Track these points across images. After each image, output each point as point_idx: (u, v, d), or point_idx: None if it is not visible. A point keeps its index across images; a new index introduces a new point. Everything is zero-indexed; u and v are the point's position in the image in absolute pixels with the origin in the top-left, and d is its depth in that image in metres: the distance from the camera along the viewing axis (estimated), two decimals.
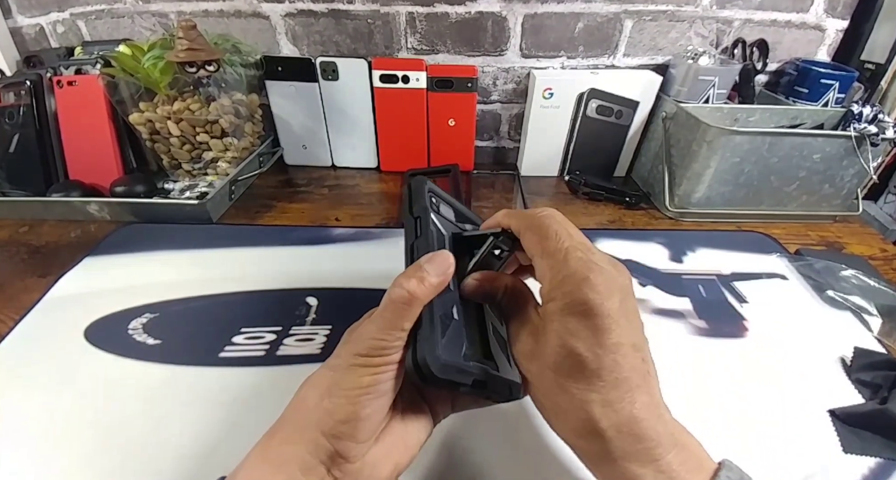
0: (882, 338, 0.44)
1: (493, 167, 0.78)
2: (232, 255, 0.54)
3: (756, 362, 0.41)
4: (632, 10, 0.67)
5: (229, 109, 0.63)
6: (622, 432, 0.21)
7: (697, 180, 0.59)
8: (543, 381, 0.24)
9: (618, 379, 0.22)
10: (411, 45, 0.70)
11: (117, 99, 0.61)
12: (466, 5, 0.66)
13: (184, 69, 0.57)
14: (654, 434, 0.22)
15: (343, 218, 0.61)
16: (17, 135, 0.61)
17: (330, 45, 0.71)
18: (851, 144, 0.56)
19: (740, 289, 0.50)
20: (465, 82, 0.67)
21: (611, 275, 0.23)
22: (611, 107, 0.68)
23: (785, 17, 0.69)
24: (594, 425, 0.22)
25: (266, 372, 0.39)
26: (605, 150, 0.73)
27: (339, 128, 0.72)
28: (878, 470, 0.33)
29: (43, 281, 0.49)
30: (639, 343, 0.23)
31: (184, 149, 0.64)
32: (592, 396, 0.22)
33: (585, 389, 0.22)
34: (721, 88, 0.65)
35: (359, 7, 0.67)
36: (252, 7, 0.68)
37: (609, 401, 0.22)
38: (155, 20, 0.70)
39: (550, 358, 0.23)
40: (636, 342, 0.23)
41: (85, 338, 0.42)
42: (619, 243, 0.57)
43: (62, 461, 0.32)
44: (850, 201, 0.62)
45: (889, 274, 0.53)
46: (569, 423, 0.23)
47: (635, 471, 0.21)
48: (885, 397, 0.36)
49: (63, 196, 0.60)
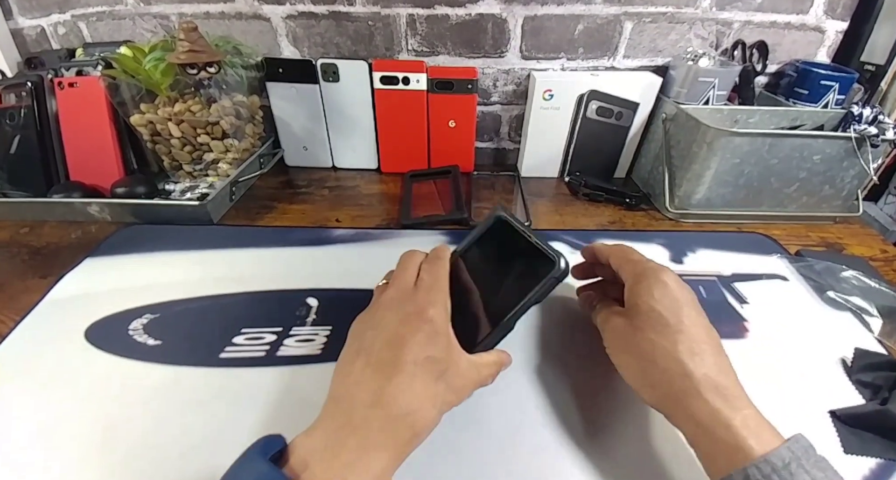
0: (882, 339, 0.44)
1: (494, 168, 0.78)
2: (232, 256, 0.54)
3: (756, 362, 0.41)
4: (632, 12, 0.68)
5: (230, 110, 0.63)
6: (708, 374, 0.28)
7: (698, 181, 0.59)
8: (634, 340, 0.32)
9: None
10: (412, 47, 0.71)
11: (118, 100, 0.61)
12: (467, 7, 0.67)
13: (185, 71, 0.57)
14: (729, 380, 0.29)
15: (343, 219, 0.62)
16: (18, 136, 0.61)
17: (330, 47, 0.71)
18: (851, 145, 0.56)
19: (741, 290, 0.50)
20: (465, 84, 0.67)
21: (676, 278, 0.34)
22: (611, 108, 0.68)
23: (785, 19, 0.69)
24: (683, 368, 0.29)
25: (266, 373, 0.39)
26: (605, 151, 0.73)
27: (340, 129, 0.73)
28: (879, 471, 0.33)
29: (43, 282, 0.49)
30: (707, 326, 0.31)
31: (184, 150, 0.64)
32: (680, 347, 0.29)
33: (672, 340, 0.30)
34: (721, 90, 0.65)
35: (359, 9, 0.67)
36: (253, 9, 0.68)
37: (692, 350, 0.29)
38: (156, 22, 0.71)
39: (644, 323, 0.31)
40: (707, 324, 0.31)
41: (85, 339, 0.42)
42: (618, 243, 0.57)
43: (62, 461, 0.32)
44: (850, 202, 0.62)
45: (889, 275, 0.53)
46: (657, 369, 0.30)
47: (713, 402, 0.27)
48: (885, 398, 0.36)
49: (64, 197, 0.60)
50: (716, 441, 0.26)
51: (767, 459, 0.24)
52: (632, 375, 0.32)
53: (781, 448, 0.24)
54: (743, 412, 0.27)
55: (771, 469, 0.24)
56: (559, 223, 0.62)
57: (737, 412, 0.27)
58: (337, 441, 0.25)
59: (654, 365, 0.30)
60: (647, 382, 0.30)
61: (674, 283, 0.33)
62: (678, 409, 0.28)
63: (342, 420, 0.26)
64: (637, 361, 0.31)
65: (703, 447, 0.27)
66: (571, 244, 0.56)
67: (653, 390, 0.30)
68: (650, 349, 0.30)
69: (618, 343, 0.33)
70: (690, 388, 0.28)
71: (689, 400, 0.28)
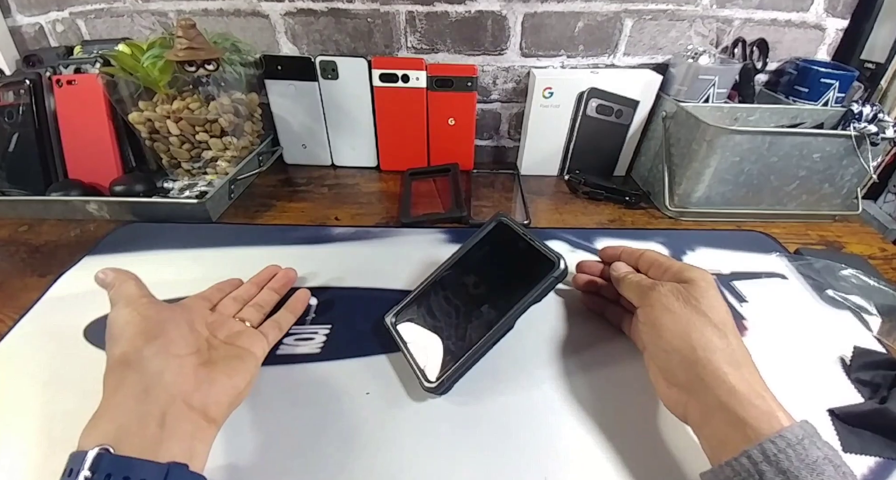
0: (881, 337, 0.44)
1: (493, 166, 0.78)
2: (231, 254, 0.54)
3: (755, 361, 0.41)
4: (632, 10, 0.67)
5: (229, 108, 0.63)
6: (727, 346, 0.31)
7: (697, 179, 0.59)
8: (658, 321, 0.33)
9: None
10: (411, 45, 0.70)
11: (116, 98, 0.61)
12: (466, 4, 0.66)
13: (183, 68, 0.57)
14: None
15: (343, 217, 0.61)
16: (17, 134, 0.61)
17: (329, 44, 0.71)
18: (851, 143, 0.56)
19: (740, 288, 0.50)
20: (464, 81, 0.67)
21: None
22: (611, 106, 0.68)
23: (785, 17, 0.69)
24: (725, 340, 0.31)
25: (266, 371, 0.39)
26: (604, 149, 0.73)
27: (339, 127, 0.72)
28: (878, 470, 0.33)
29: (42, 280, 0.49)
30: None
31: (183, 148, 0.64)
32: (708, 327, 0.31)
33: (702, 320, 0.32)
34: (721, 88, 0.65)
35: (358, 6, 0.67)
36: (251, 6, 0.68)
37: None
38: (154, 19, 0.70)
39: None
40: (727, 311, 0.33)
41: (84, 337, 0.42)
42: (618, 243, 0.56)
43: (62, 460, 0.32)
44: (849, 200, 0.62)
45: (889, 273, 0.53)
46: (704, 334, 0.31)
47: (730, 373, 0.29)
48: (884, 396, 0.37)
49: (62, 195, 0.60)
50: (750, 409, 0.27)
51: (782, 435, 0.25)
52: (670, 335, 0.32)
53: (795, 426, 0.25)
54: (768, 390, 0.29)
55: (786, 443, 0.24)
56: (559, 222, 0.62)
57: (766, 389, 0.28)
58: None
59: (702, 329, 0.31)
60: (688, 344, 0.31)
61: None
62: (714, 378, 0.29)
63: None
64: (680, 322, 0.32)
65: (723, 419, 0.27)
66: (571, 243, 0.56)
67: (692, 352, 0.30)
68: (703, 317, 0.32)
69: (668, 301, 0.33)
70: (731, 360, 0.29)
71: (728, 368, 0.29)
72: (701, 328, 0.31)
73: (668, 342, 0.32)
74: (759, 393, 0.28)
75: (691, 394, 0.30)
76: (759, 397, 0.27)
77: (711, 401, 0.28)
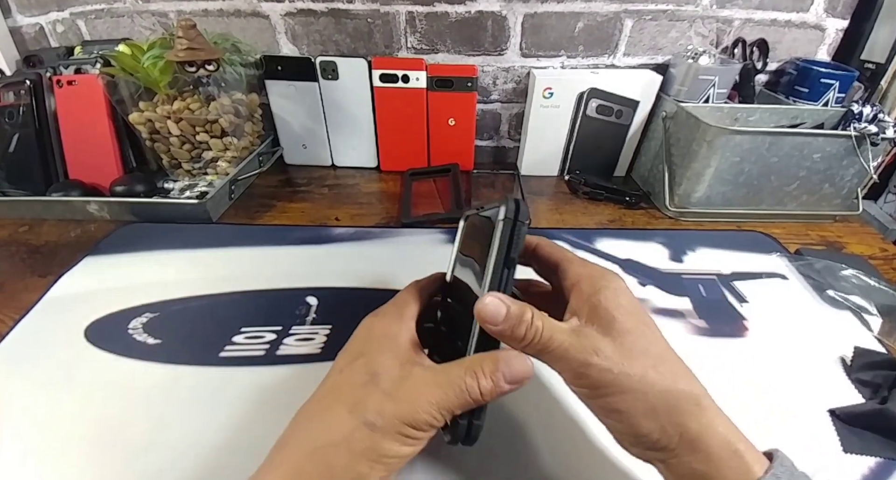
0: (882, 338, 0.44)
1: (493, 167, 0.78)
2: (232, 254, 0.54)
3: (756, 361, 0.41)
4: (632, 10, 0.67)
5: (229, 108, 0.63)
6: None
7: (697, 179, 0.59)
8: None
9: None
10: (411, 45, 0.70)
11: (117, 98, 0.61)
12: (466, 5, 0.66)
13: (183, 69, 0.57)
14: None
15: (343, 218, 0.61)
16: (17, 134, 0.61)
17: (330, 45, 0.71)
18: (851, 143, 0.56)
19: (740, 289, 0.50)
20: (465, 82, 0.67)
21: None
22: (611, 106, 0.68)
23: (785, 17, 0.69)
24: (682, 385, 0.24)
25: (266, 372, 0.39)
26: (605, 149, 0.73)
27: (339, 127, 0.72)
28: (878, 470, 0.33)
29: (43, 281, 0.49)
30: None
31: (183, 148, 0.64)
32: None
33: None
34: (721, 88, 0.65)
35: (359, 6, 0.67)
36: (252, 6, 0.68)
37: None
38: (154, 19, 0.70)
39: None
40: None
41: (85, 338, 0.42)
42: (619, 243, 0.57)
43: (62, 460, 0.32)
44: (850, 200, 0.62)
45: (889, 274, 0.53)
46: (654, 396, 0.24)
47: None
48: (885, 396, 0.36)
49: (63, 196, 0.60)
50: (726, 472, 0.23)
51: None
52: (632, 420, 0.24)
53: (767, 477, 0.22)
54: (741, 437, 0.24)
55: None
56: (559, 222, 0.62)
57: (738, 436, 0.24)
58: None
59: (649, 392, 0.24)
60: (644, 412, 0.24)
61: (627, 287, 0.28)
62: (687, 445, 0.23)
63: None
64: (636, 403, 0.24)
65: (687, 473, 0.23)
66: (571, 243, 0.56)
67: (662, 433, 0.23)
68: (640, 371, 0.24)
69: (605, 392, 0.24)
70: (703, 419, 0.23)
71: (701, 430, 0.23)
72: (658, 400, 0.23)
73: (631, 428, 0.24)
74: (734, 449, 0.23)
75: (662, 462, 0.24)
76: (735, 455, 0.23)
77: (685, 469, 0.23)
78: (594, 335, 0.25)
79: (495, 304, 0.24)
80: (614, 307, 0.25)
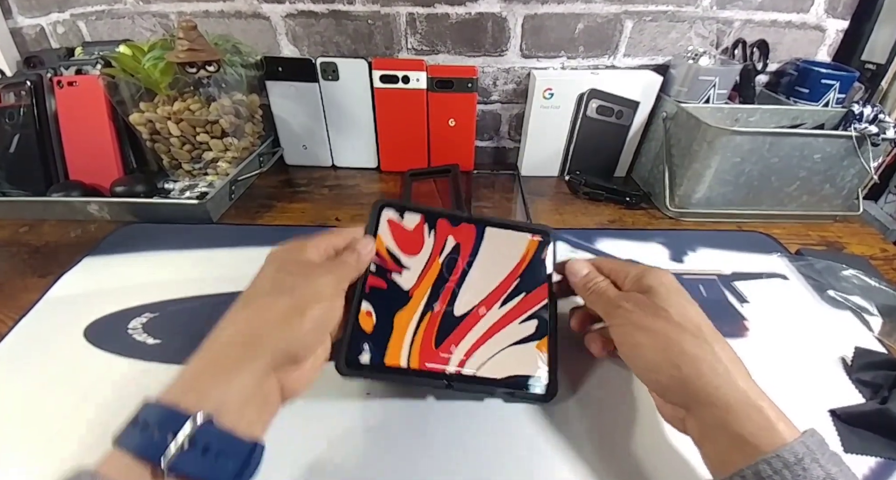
0: (882, 338, 0.44)
1: (494, 167, 0.78)
2: (232, 255, 0.54)
3: (756, 362, 0.40)
4: (632, 11, 0.67)
5: (229, 109, 0.63)
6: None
7: (698, 179, 0.59)
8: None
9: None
10: (411, 46, 0.70)
11: (117, 99, 0.61)
12: (467, 6, 0.67)
13: (184, 70, 0.57)
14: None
15: (343, 218, 0.61)
16: (18, 135, 0.61)
17: (330, 46, 0.71)
18: (852, 144, 0.56)
19: (741, 289, 0.50)
20: (465, 83, 0.67)
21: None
22: (611, 107, 0.68)
23: (785, 18, 0.69)
24: (711, 348, 0.29)
25: None
26: (605, 150, 0.73)
27: (340, 128, 0.72)
28: (879, 470, 0.33)
29: (43, 281, 0.49)
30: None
31: (184, 149, 0.64)
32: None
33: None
34: (721, 89, 0.65)
35: (359, 8, 0.67)
36: (252, 8, 0.68)
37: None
38: (155, 21, 0.71)
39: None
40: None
41: (85, 338, 0.42)
42: (619, 243, 0.57)
43: (62, 460, 0.32)
44: (850, 200, 0.62)
45: (889, 274, 0.53)
46: (685, 347, 0.29)
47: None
48: (885, 397, 0.36)
49: (63, 196, 0.60)
50: (747, 424, 0.25)
51: (780, 454, 0.23)
52: (650, 354, 0.30)
53: (795, 443, 0.24)
54: (765, 398, 0.27)
55: (783, 464, 0.23)
56: (559, 222, 0.62)
57: (763, 397, 0.27)
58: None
59: (681, 342, 0.29)
60: (670, 362, 0.28)
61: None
62: (706, 394, 0.27)
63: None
64: (657, 339, 0.30)
65: (722, 436, 0.26)
66: (571, 243, 0.56)
67: (677, 370, 0.28)
68: (677, 327, 0.30)
69: (637, 318, 0.31)
70: (720, 369, 0.27)
71: (718, 381, 0.27)
72: (679, 341, 0.29)
73: (649, 362, 0.30)
74: (756, 405, 0.26)
75: (688, 410, 0.28)
76: (756, 409, 0.26)
77: (708, 418, 0.27)
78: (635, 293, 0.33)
79: (581, 263, 0.38)
80: (658, 284, 0.33)
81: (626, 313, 0.32)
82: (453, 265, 0.39)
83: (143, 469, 0.22)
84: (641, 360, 0.31)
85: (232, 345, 0.28)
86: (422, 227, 0.40)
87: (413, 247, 0.39)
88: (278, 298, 0.29)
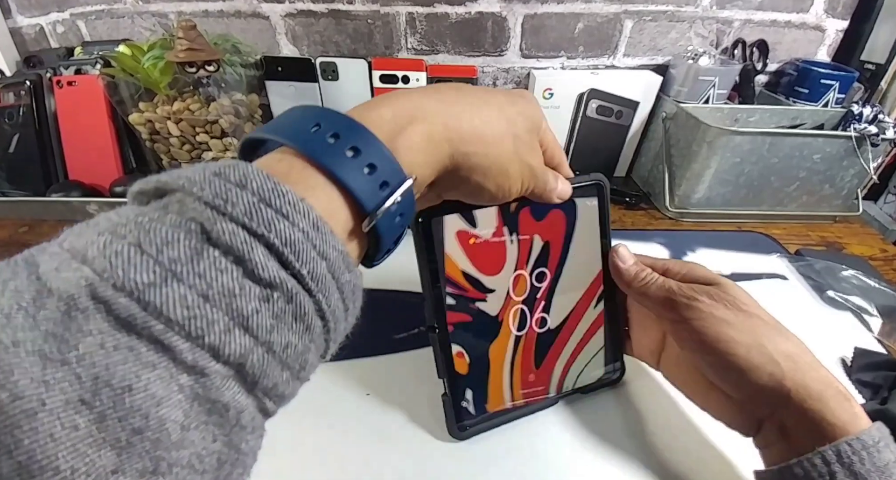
0: (882, 339, 0.44)
1: None
2: None
3: None
4: (632, 11, 0.67)
5: (229, 109, 0.63)
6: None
7: (697, 180, 0.59)
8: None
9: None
10: (411, 46, 0.70)
11: (117, 99, 0.61)
12: (466, 6, 0.66)
13: (184, 69, 0.57)
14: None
15: None
16: (17, 135, 0.61)
17: (330, 46, 0.71)
18: (852, 144, 0.56)
19: None
20: (465, 83, 0.67)
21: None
22: (611, 107, 0.68)
23: (785, 18, 0.69)
24: (794, 339, 0.28)
25: None
26: (605, 150, 0.73)
27: None
28: None
29: None
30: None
31: (183, 149, 0.64)
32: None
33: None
34: (721, 89, 0.65)
35: (359, 7, 0.67)
36: (252, 7, 0.68)
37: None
38: (155, 20, 0.70)
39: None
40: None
41: None
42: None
43: None
44: (850, 201, 0.62)
45: (889, 275, 0.53)
46: (775, 340, 0.28)
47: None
48: (885, 397, 0.36)
49: (63, 196, 0.60)
50: (839, 413, 0.25)
51: (860, 437, 0.24)
52: (743, 351, 0.27)
53: (872, 429, 0.25)
54: (842, 383, 0.27)
55: (861, 445, 0.24)
56: None
57: (840, 382, 0.26)
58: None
59: (771, 337, 0.27)
60: (769, 358, 0.26)
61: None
62: (802, 387, 0.26)
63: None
64: (750, 335, 0.27)
65: (814, 428, 0.25)
66: None
67: (776, 367, 0.26)
68: (760, 321, 0.28)
69: (722, 313, 0.28)
70: (809, 359, 0.27)
71: (812, 373, 0.26)
72: (769, 335, 0.27)
73: (744, 361, 0.27)
74: (842, 392, 0.26)
75: (774, 411, 0.26)
76: (843, 397, 0.25)
77: (796, 412, 0.26)
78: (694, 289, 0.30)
79: (628, 253, 0.35)
80: (718, 276, 0.31)
81: (707, 306, 0.28)
82: (543, 275, 0.33)
83: (349, 213, 0.20)
84: (734, 359, 0.27)
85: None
86: (501, 230, 0.31)
87: (494, 263, 0.31)
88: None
